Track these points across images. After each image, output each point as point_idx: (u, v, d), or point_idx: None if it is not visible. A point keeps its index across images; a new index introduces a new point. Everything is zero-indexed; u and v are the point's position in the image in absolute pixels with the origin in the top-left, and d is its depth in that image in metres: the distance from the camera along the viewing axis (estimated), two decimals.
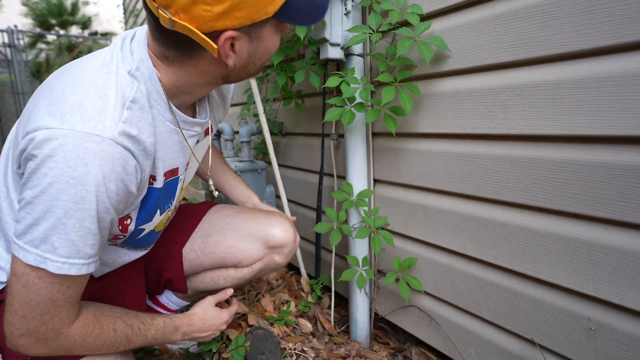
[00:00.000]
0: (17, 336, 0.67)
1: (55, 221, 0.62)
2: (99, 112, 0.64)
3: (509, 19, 0.86)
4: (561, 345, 0.87)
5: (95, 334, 0.75)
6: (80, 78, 0.67)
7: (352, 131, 1.22)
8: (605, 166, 0.76)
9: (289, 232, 1.13)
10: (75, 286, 0.69)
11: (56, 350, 0.72)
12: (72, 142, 0.61)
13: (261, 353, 1.14)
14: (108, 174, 0.64)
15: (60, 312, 0.68)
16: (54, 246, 0.63)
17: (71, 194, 0.61)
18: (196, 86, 0.77)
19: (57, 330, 0.69)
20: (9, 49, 5.27)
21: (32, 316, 0.66)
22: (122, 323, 0.81)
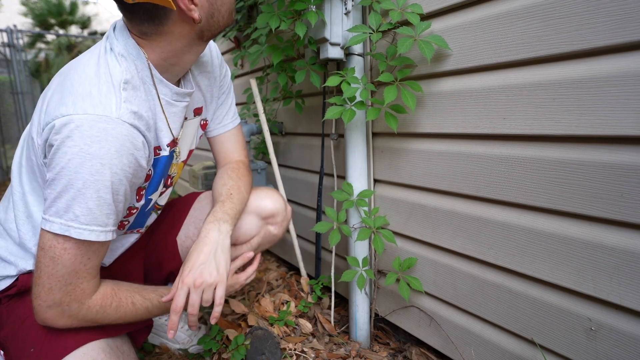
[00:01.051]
0: (44, 309, 0.77)
1: (75, 192, 0.71)
2: (104, 97, 0.73)
3: (509, 19, 0.86)
4: (561, 345, 0.87)
5: (114, 305, 0.84)
6: (84, 72, 0.76)
7: (352, 131, 1.22)
8: (605, 166, 0.76)
9: (279, 201, 1.14)
10: (94, 258, 0.78)
11: (81, 322, 0.81)
12: (87, 123, 0.70)
13: (261, 353, 1.14)
14: (119, 149, 0.73)
15: (82, 283, 0.78)
16: (75, 214, 0.72)
17: (88, 167, 0.70)
18: (181, 53, 0.83)
19: (80, 301, 0.79)
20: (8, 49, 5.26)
21: (57, 288, 0.76)
22: (140, 297, 0.89)
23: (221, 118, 1.12)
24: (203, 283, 0.86)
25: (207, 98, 1.06)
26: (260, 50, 1.42)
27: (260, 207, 1.11)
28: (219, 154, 1.15)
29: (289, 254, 1.84)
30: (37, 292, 0.76)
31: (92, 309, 0.81)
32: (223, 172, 1.10)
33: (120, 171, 0.74)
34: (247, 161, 1.17)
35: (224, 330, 1.28)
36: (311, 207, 1.65)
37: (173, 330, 0.84)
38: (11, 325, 0.87)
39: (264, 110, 1.53)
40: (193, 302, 0.86)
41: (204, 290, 0.86)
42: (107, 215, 0.75)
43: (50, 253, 0.74)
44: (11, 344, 0.85)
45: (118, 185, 0.75)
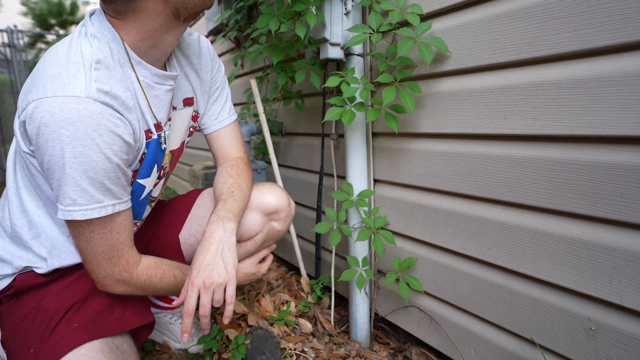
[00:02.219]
0: (101, 279, 0.86)
1: (64, 176, 0.73)
2: (73, 77, 0.72)
3: (509, 19, 0.86)
4: (561, 345, 0.87)
5: (159, 276, 0.92)
6: (55, 55, 0.76)
7: (352, 131, 1.22)
8: (605, 166, 0.76)
9: (282, 197, 1.14)
10: (122, 231, 0.83)
11: (134, 289, 0.90)
12: (57, 106, 0.70)
13: (261, 353, 1.14)
14: (96, 127, 0.72)
15: (123, 255, 0.85)
16: (72, 198, 0.74)
17: (70, 151, 0.71)
18: (159, 34, 0.82)
19: (128, 270, 0.86)
20: (9, 49, 5.26)
21: (104, 262, 0.83)
22: (180, 272, 0.98)
23: (217, 114, 1.11)
24: (213, 283, 0.86)
25: (198, 90, 1.05)
26: (260, 49, 1.42)
27: (263, 203, 1.10)
28: (217, 151, 1.14)
29: (289, 254, 1.84)
30: (91, 269, 0.85)
31: (140, 278, 0.89)
32: (222, 170, 1.08)
33: (107, 150, 0.74)
34: (246, 157, 1.16)
35: (224, 330, 1.28)
36: (311, 207, 1.65)
37: (187, 334, 0.86)
38: (11, 326, 0.87)
39: (264, 110, 1.53)
40: (204, 303, 0.86)
41: (215, 290, 0.87)
42: (103, 192, 0.77)
43: (82, 238, 0.81)
44: (12, 344, 0.85)
45: (106, 164, 0.75)
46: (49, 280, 0.92)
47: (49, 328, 0.84)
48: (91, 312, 0.90)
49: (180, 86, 1.00)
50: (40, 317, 0.86)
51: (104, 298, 0.93)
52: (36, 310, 0.87)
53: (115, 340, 0.90)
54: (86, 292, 0.92)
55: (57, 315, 0.86)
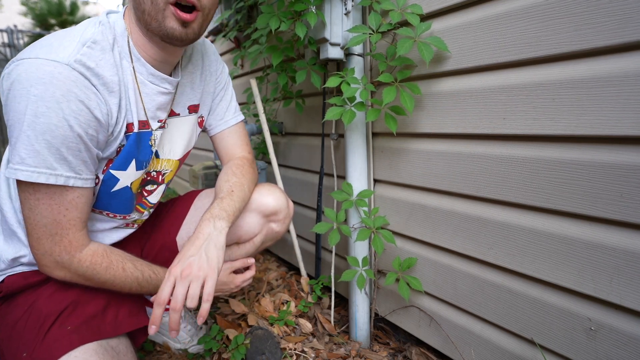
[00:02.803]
0: (40, 257, 0.81)
1: (20, 133, 0.71)
2: (61, 47, 0.73)
3: (509, 19, 0.86)
4: (561, 345, 0.87)
5: (105, 265, 0.86)
6: (55, 33, 0.78)
7: (352, 131, 1.22)
8: (605, 166, 0.76)
9: (281, 198, 1.13)
10: (72, 209, 0.80)
11: (74, 276, 0.85)
12: (35, 66, 0.70)
13: (261, 353, 1.14)
14: (65, 93, 0.72)
15: (67, 234, 0.81)
16: (21, 157, 0.72)
17: (33, 109, 0.70)
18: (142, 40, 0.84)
19: (69, 253, 0.82)
20: (9, 49, 5.26)
21: (44, 237, 0.79)
22: (132, 265, 0.91)
23: (222, 114, 1.11)
24: (190, 274, 0.81)
25: (203, 94, 1.05)
26: (260, 50, 1.42)
27: (262, 204, 1.10)
28: (222, 150, 1.13)
29: (289, 254, 1.84)
30: (30, 242, 0.81)
31: (82, 264, 0.83)
32: (227, 169, 1.08)
33: (69, 117, 0.73)
34: (252, 157, 1.15)
35: (224, 330, 1.28)
36: (311, 207, 1.65)
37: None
38: (5, 329, 0.86)
39: (264, 110, 1.53)
40: (176, 294, 0.79)
41: (191, 282, 0.80)
42: (57, 159, 0.74)
43: (27, 204, 0.77)
44: (6, 347, 0.84)
45: (67, 131, 0.73)
46: (41, 280, 0.91)
47: (42, 331, 0.82)
48: (84, 315, 0.88)
49: (184, 92, 1.00)
50: (33, 320, 0.85)
51: (97, 300, 0.92)
52: (29, 313, 0.86)
53: (110, 341, 0.89)
54: (79, 294, 0.90)
55: (50, 318, 0.84)
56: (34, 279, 0.90)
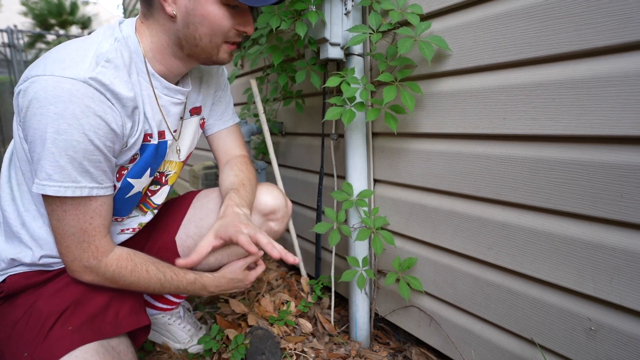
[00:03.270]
0: (69, 263, 0.85)
1: (44, 150, 0.74)
2: (75, 63, 0.75)
3: (509, 19, 0.86)
4: (561, 345, 0.87)
5: (130, 268, 0.90)
6: (65, 46, 0.80)
7: (352, 131, 1.22)
8: (605, 166, 0.76)
9: (279, 197, 1.15)
10: (97, 217, 0.83)
11: (102, 279, 0.88)
12: (51, 83, 0.72)
13: (261, 353, 1.14)
14: (84, 109, 0.74)
15: (94, 241, 0.84)
16: (48, 173, 0.75)
17: (55, 127, 0.73)
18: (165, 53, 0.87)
19: (97, 258, 0.85)
20: (9, 49, 5.26)
21: (73, 245, 0.83)
22: (155, 268, 0.94)
23: (221, 114, 1.13)
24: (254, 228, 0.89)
25: (205, 96, 1.07)
26: (260, 50, 1.42)
27: (261, 204, 1.11)
28: (220, 148, 1.16)
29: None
30: (60, 249, 0.85)
31: (109, 268, 0.87)
32: (232, 165, 1.10)
33: (90, 132, 0.75)
34: (249, 156, 1.19)
35: (224, 330, 1.28)
36: (311, 207, 1.65)
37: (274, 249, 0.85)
38: (5, 329, 0.86)
39: (264, 110, 1.53)
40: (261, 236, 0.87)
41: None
42: (80, 173, 0.77)
43: (54, 216, 0.81)
44: (6, 347, 0.84)
45: (88, 145, 0.76)
46: (42, 280, 0.91)
47: (43, 331, 0.83)
48: (85, 315, 0.88)
49: (190, 97, 1.03)
50: (33, 320, 0.85)
51: (97, 300, 0.92)
52: (29, 313, 0.86)
53: (110, 341, 0.89)
54: (80, 294, 0.91)
55: (51, 318, 0.85)
56: (35, 279, 0.90)
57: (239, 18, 0.85)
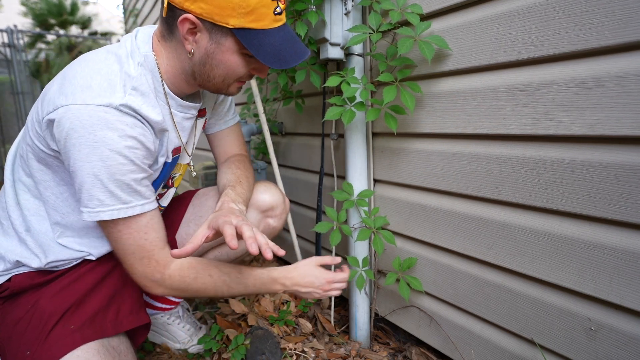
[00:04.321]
0: (138, 279, 0.88)
1: (92, 179, 0.76)
2: (104, 90, 0.77)
3: (509, 19, 0.86)
4: (561, 345, 0.87)
5: (192, 276, 0.91)
6: (87, 66, 0.80)
7: (352, 131, 1.22)
8: (605, 166, 0.76)
9: (277, 194, 1.16)
10: (151, 231, 0.85)
11: (171, 290, 0.91)
12: (86, 113, 0.74)
13: (261, 353, 1.14)
14: (122, 134, 0.77)
15: (153, 255, 0.86)
16: (99, 200, 0.78)
17: (98, 155, 0.75)
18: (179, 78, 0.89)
19: (160, 271, 0.87)
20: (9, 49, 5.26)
21: (135, 262, 0.86)
22: (218, 270, 0.95)
23: (223, 114, 1.15)
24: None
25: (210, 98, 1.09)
26: None
27: (259, 201, 1.12)
28: (220, 148, 1.17)
29: (289, 254, 1.84)
30: (126, 269, 0.88)
31: (173, 279, 0.89)
32: (230, 163, 1.11)
33: (130, 154, 0.78)
34: (248, 155, 1.20)
35: (224, 330, 1.28)
36: (311, 207, 1.65)
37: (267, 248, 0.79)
38: (6, 328, 0.86)
39: (264, 110, 1.53)
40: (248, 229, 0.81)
41: None
42: (130, 193, 0.80)
43: (112, 237, 0.84)
44: (7, 346, 0.85)
45: (131, 166, 0.79)
46: (45, 281, 0.91)
47: (45, 331, 0.83)
48: (87, 314, 0.89)
49: None
50: (36, 319, 0.85)
51: (99, 299, 0.93)
52: (32, 313, 0.86)
53: (111, 341, 0.90)
54: (82, 294, 0.91)
55: (53, 318, 0.85)
56: (39, 280, 0.91)
57: (255, 64, 0.86)
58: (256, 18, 0.77)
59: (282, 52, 0.81)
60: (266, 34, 0.79)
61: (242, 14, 0.76)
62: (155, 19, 3.87)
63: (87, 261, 0.97)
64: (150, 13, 4.04)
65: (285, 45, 0.81)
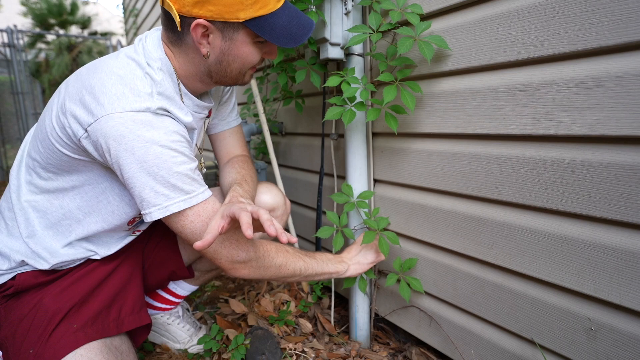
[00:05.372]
0: (224, 265, 0.89)
1: (154, 177, 0.79)
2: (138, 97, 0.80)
3: (509, 19, 0.86)
4: (561, 345, 0.87)
5: (274, 249, 0.95)
6: (113, 74, 0.81)
7: (352, 131, 1.22)
8: (605, 166, 0.76)
9: (278, 195, 1.18)
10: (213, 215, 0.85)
11: (256, 267, 0.92)
12: (129, 119, 0.77)
13: (261, 353, 1.14)
14: (166, 131, 0.80)
15: (231, 236, 0.88)
16: (165, 195, 0.80)
17: (152, 153, 0.78)
18: (193, 79, 0.91)
19: (243, 249, 0.89)
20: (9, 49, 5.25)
21: (219, 249, 0.87)
22: (290, 248, 1.00)
23: (226, 115, 1.16)
24: None
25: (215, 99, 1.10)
26: None
27: (260, 202, 1.13)
28: (222, 148, 1.18)
29: None
30: (211, 258, 0.89)
31: (259, 252, 0.91)
32: (234, 163, 1.12)
33: (177, 146, 0.81)
34: (250, 155, 1.21)
35: (224, 330, 1.28)
36: (311, 207, 1.65)
37: None
38: (10, 326, 0.87)
39: (264, 110, 1.53)
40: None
41: None
42: (190, 183, 0.83)
43: (186, 232, 0.85)
44: (10, 344, 0.85)
45: (182, 158, 0.82)
46: (49, 280, 0.92)
47: (49, 329, 0.84)
48: (90, 313, 0.90)
49: None
50: (39, 317, 0.86)
51: (102, 299, 0.94)
52: (35, 311, 0.87)
53: (113, 341, 0.90)
54: (86, 293, 0.92)
55: (57, 317, 0.86)
56: (43, 279, 0.91)
57: (266, 48, 0.90)
58: (262, 5, 0.79)
59: (293, 30, 0.83)
60: (274, 17, 0.81)
61: (249, 5, 0.78)
62: (155, 19, 3.87)
63: (90, 260, 0.97)
64: (150, 13, 4.04)
65: (293, 22, 0.84)
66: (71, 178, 0.88)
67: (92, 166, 0.86)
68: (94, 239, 0.95)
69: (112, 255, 1.01)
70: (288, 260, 0.97)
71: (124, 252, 1.05)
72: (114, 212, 0.92)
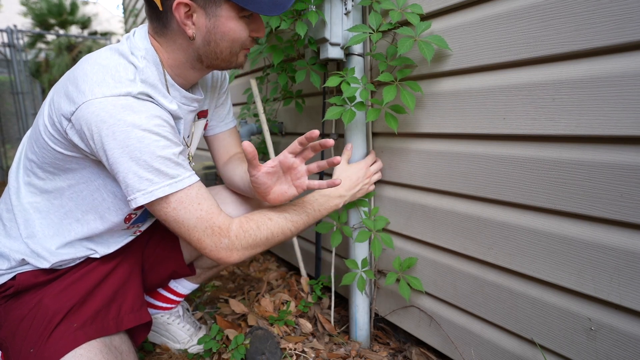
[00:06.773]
0: (211, 254, 0.87)
1: (137, 161, 0.77)
2: (119, 82, 0.79)
3: (509, 19, 0.86)
4: (561, 345, 0.87)
5: (254, 226, 0.91)
6: (96, 64, 0.81)
7: (352, 131, 1.22)
8: (605, 166, 0.76)
9: None
10: (202, 201, 0.85)
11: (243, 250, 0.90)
12: (110, 104, 0.76)
13: (261, 353, 1.14)
14: (148, 115, 0.79)
15: (213, 223, 0.86)
16: (148, 179, 0.78)
17: (134, 137, 0.76)
18: (183, 67, 0.90)
19: (226, 236, 0.87)
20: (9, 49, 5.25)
21: (202, 236, 0.85)
22: (274, 212, 0.96)
23: (223, 117, 1.18)
24: None
25: (211, 100, 1.11)
26: (260, 50, 1.42)
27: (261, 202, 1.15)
28: (221, 149, 1.20)
29: (289, 254, 1.84)
30: (196, 247, 0.87)
31: (240, 237, 0.89)
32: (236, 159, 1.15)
33: (160, 130, 0.80)
34: None
35: (224, 330, 1.28)
36: None
37: None
38: (9, 326, 0.87)
39: (264, 110, 1.53)
40: None
41: None
42: (174, 167, 0.81)
43: (170, 219, 0.83)
44: (10, 344, 0.85)
45: (165, 142, 0.80)
46: (49, 279, 0.92)
47: (49, 328, 0.84)
48: (89, 312, 0.90)
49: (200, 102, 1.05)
50: (39, 317, 0.86)
51: (102, 297, 0.94)
52: (35, 311, 0.87)
53: (113, 340, 0.90)
54: (85, 292, 0.92)
55: (57, 317, 0.86)
56: (43, 278, 0.92)
57: (253, 25, 0.89)
58: None
59: None
60: None
61: None
62: None
63: (90, 260, 0.98)
64: None
65: None
66: (67, 177, 0.88)
67: (84, 163, 0.86)
68: (93, 237, 0.96)
69: (112, 255, 1.01)
70: (274, 231, 0.94)
71: (123, 251, 1.05)
72: (109, 209, 0.93)
